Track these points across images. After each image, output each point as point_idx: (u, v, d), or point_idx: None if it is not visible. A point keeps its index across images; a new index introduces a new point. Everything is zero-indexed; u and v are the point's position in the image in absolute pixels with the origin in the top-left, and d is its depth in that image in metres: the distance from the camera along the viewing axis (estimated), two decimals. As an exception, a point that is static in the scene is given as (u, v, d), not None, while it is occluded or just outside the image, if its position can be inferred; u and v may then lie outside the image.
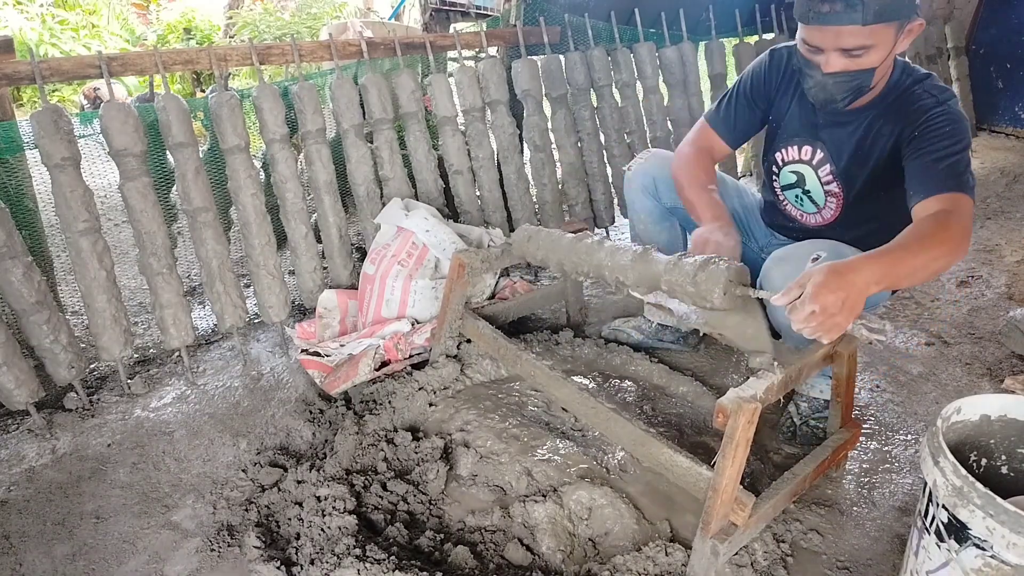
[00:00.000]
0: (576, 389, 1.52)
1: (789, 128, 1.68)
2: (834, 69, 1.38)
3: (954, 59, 4.06)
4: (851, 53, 1.35)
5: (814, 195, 1.68)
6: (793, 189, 1.73)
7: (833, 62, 1.37)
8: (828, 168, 1.62)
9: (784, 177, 1.73)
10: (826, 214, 1.69)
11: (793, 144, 1.67)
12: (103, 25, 7.66)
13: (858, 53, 1.34)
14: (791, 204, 1.77)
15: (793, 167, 1.69)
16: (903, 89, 1.48)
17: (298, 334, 2.14)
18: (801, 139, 1.65)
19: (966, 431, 1.22)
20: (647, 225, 1.96)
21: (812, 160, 1.65)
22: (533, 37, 2.71)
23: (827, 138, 1.60)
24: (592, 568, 1.36)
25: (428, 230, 2.11)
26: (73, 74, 1.94)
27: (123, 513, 1.61)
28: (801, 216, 1.76)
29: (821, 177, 1.64)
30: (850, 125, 1.55)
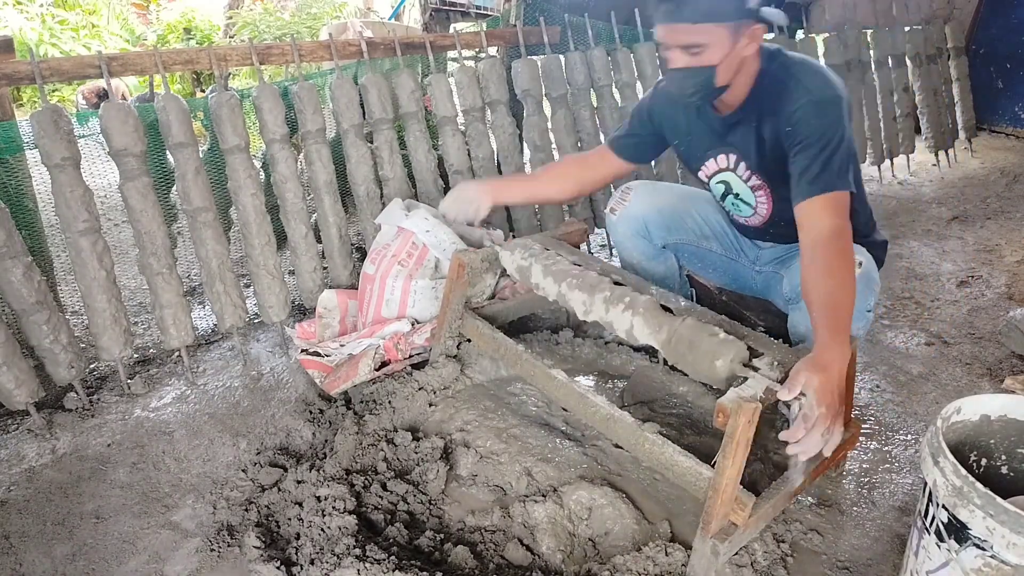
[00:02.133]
0: (576, 389, 1.52)
1: (698, 145, 1.73)
2: (677, 64, 1.48)
3: (954, 59, 4.06)
4: (689, 50, 1.44)
5: (744, 196, 1.71)
6: (727, 197, 1.76)
7: (675, 58, 1.47)
8: (743, 166, 1.65)
9: (715, 189, 1.78)
10: (761, 211, 1.71)
11: (708, 158, 1.72)
12: (103, 25, 7.66)
13: (695, 51, 1.43)
14: (734, 212, 1.80)
15: (717, 177, 1.73)
16: (773, 77, 1.52)
17: (298, 334, 2.14)
18: (713, 150, 1.69)
19: (966, 431, 1.22)
20: (641, 263, 1.97)
21: (729, 165, 1.68)
22: (533, 37, 2.71)
23: (732, 141, 1.64)
24: (592, 568, 1.36)
25: (428, 230, 2.11)
26: (73, 74, 1.94)
27: (123, 513, 1.61)
28: (746, 220, 1.79)
29: (742, 176, 1.67)
30: (744, 123, 1.59)
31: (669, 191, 1.97)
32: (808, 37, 3.53)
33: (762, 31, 1.46)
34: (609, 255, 3.01)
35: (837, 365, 1.23)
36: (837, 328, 1.27)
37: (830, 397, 1.20)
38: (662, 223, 1.90)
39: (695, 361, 1.31)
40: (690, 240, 1.93)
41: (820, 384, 1.19)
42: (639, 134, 1.85)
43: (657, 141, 1.85)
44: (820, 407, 1.19)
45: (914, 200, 3.54)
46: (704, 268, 2.01)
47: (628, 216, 1.91)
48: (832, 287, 1.32)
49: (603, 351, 2.06)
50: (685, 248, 1.96)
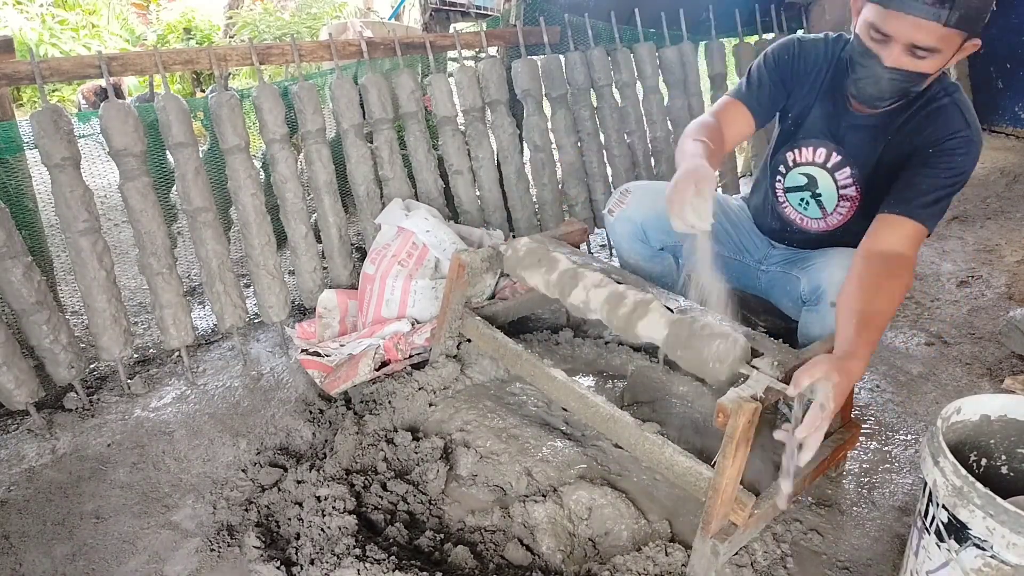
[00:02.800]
0: (576, 389, 1.52)
1: (807, 128, 1.62)
2: (895, 64, 1.32)
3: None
4: (918, 52, 1.29)
5: (825, 199, 1.64)
6: (800, 192, 1.68)
7: (896, 56, 1.31)
8: (847, 172, 1.58)
9: (792, 179, 1.69)
10: (832, 220, 1.66)
11: (808, 145, 1.62)
12: (103, 25, 7.66)
13: (924, 55, 1.29)
14: (792, 207, 1.73)
15: (804, 169, 1.65)
16: (931, 96, 1.45)
17: (298, 334, 2.14)
18: (818, 140, 1.60)
19: (966, 431, 1.22)
20: (639, 263, 1.96)
21: (827, 163, 1.60)
22: (533, 37, 2.71)
23: (849, 141, 1.56)
24: (592, 568, 1.36)
25: (428, 230, 2.11)
26: (73, 74, 1.94)
27: (123, 513, 1.61)
28: (801, 220, 1.73)
29: (838, 181, 1.60)
30: (875, 128, 1.52)
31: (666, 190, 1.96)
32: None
33: (974, 47, 1.33)
34: (609, 255, 3.01)
35: (856, 375, 1.20)
36: (869, 342, 1.23)
37: (841, 401, 1.17)
38: (659, 226, 1.88)
39: (697, 358, 1.31)
40: None
41: (839, 385, 1.15)
42: (769, 85, 1.64)
43: (781, 96, 1.66)
44: (831, 404, 1.15)
45: (914, 200, 3.53)
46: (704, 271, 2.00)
47: (625, 219, 1.89)
48: (878, 302, 1.28)
49: (603, 351, 2.06)
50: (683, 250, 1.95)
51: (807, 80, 1.61)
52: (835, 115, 1.57)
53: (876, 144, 1.52)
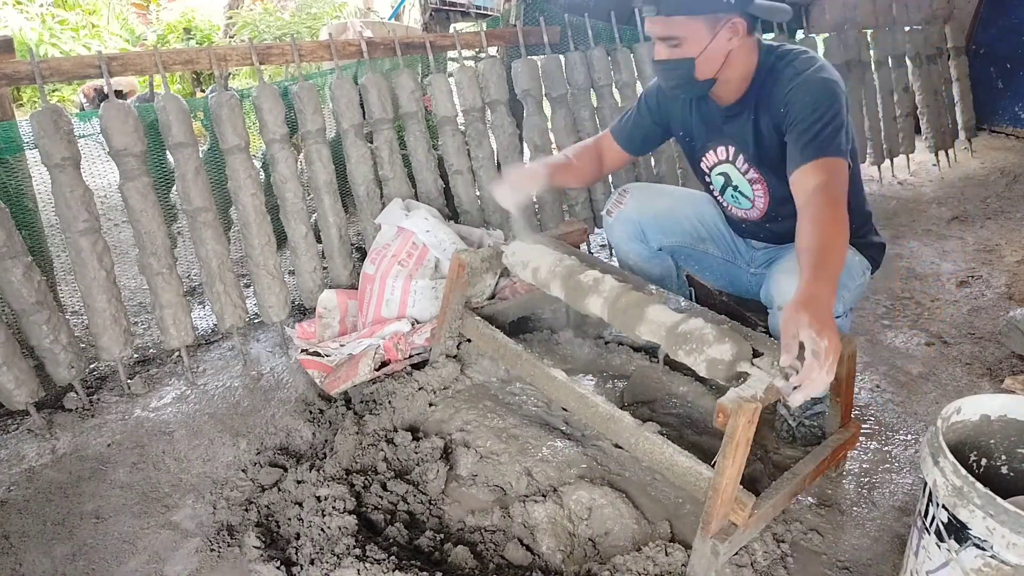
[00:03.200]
0: (576, 389, 1.52)
1: (698, 136, 1.74)
2: (659, 57, 1.53)
3: (954, 59, 4.06)
4: (668, 43, 1.49)
5: (742, 189, 1.72)
6: (727, 190, 1.76)
7: (659, 50, 1.52)
8: (742, 159, 1.66)
9: (715, 181, 1.78)
10: (759, 204, 1.71)
11: (708, 149, 1.73)
12: (103, 25, 7.66)
13: (674, 43, 1.48)
14: (731, 205, 1.80)
15: (718, 169, 1.74)
16: (771, 69, 1.55)
17: (298, 334, 2.14)
18: (713, 142, 1.71)
19: (966, 431, 1.22)
20: (638, 263, 1.97)
21: (728, 157, 1.69)
22: (533, 37, 2.71)
23: (730, 132, 1.66)
24: (592, 568, 1.36)
25: (428, 230, 2.11)
26: (73, 74, 1.94)
27: (123, 513, 1.61)
28: (744, 214, 1.78)
29: (741, 169, 1.68)
30: (742, 115, 1.60)
31: (665, 193, 1.98)
32: (808, 37, 3.53)
33: (743, 24, 1.47)
34: (609, 255, 3.01)
35: (824, 298, 1.16)
36: (821, 266, 1.22)
37: (827, 329, 1.11)
38: (657, 226, 1.90)
39: (699, 357, 1.31)
40: (686, 243, 1.93)
41: (810, 319, 1.11)
42: (645, 124, 1.85)
43: (660, 131, 1.85)
44: (822, 340, 1.10)
45: (914, 200, 3.54)
46: (701, 270, 2.02)
47: (624, 219, 1.91)
48: (818, 232, 1.29)
49: (603, 351, 2.06)
50: (681, 250, 1.96)
51: (677, 103, 1.76)
52: (711, 116, 1.68)
53: (747, 125, 1.61)
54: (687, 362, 1.33)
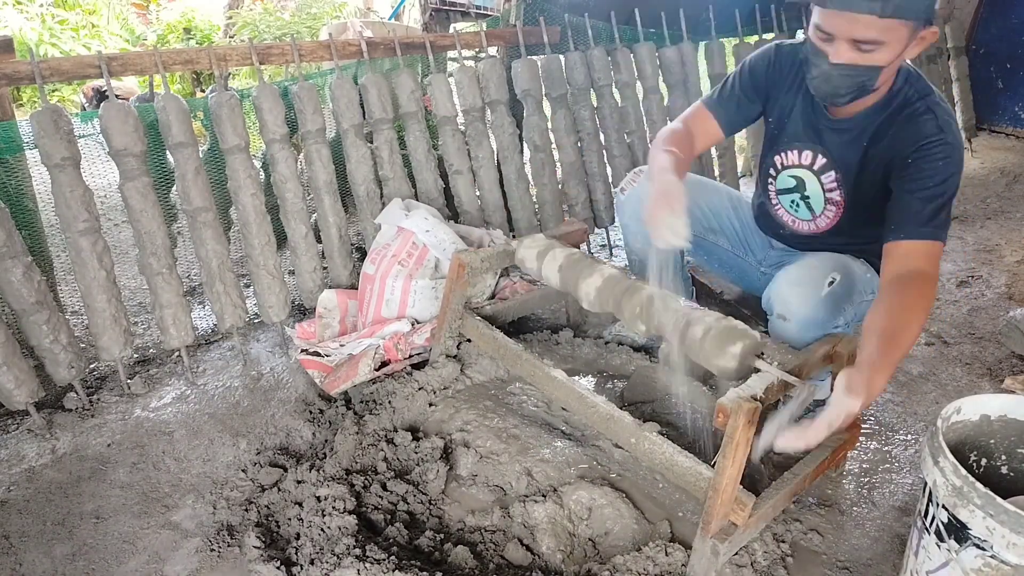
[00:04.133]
0: (576, 389, 1.52)
1: (791, 131, 1.63)
2: (842, 60, 1.33)
3: (954, 59, 4.06)
4: (862, 46, 1.30)
5: (813, 202, 1.65)
6: (790, 194, 1.69)
7: (842, 52, 1.33)
8: (832, 176, 1.58)
9: (782, 181, 1.69)
10: (821, 222, 1.66)
11: (794, 148, 1.63)
12: (103, 25, 7.65)
13: (869, 48, 1.30)
14: (784, 209, 1.73)
15: (793, 171, 1.66)
16: (906, 101, 1.44)
17: (298, 334, 2.14)
18: (803, 143, 1.61)
19: (966, 431, 1.22)
20: (643, 247, 1.95)
21: (813, 165, 1.61)
22: (533, 37, 2.70)
23: (831, 144, 1.56)
24: (592, 568, 1.36)
25: (428, 230, 2.11)
26: (73, 74, 1.94)
27: (123, 513, 1.61)
28: (793, 222, 1.73)
29: (824, 184, 1.60)
30: (853, 131, 1.52)
31: None
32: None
33: (934, 35, 1.33)
34: (609, 255, 3.01)
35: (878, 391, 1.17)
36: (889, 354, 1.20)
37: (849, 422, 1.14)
38: None
39: (709, 350, 1.30)
40: (697, 231, 1.89)
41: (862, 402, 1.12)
42: (744, 100, 1.68)
43: (757, 109, 1.70)
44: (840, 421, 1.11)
45: (914, 200, 3.53)
46: (710, 261, 2.00)
47: (636, 197, 1.87)
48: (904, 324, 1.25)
49: (603, 351, 2.06)
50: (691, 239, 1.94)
51: (785, 84, 1.62)
52: (815, 118, 1.58)
53: (856, 148, 1.52)
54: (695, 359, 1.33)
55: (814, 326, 1.49)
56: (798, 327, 1.50)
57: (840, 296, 1.50)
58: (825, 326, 1.50)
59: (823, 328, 1.50)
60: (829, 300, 1.48)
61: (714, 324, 1.32)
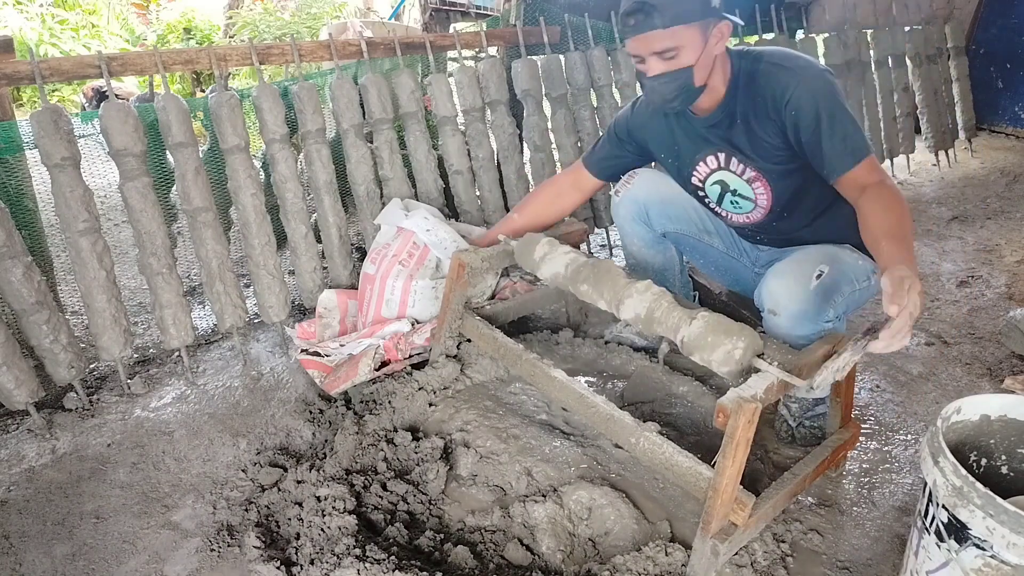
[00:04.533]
0: (576, 389, 1.52)
1: (686, 152, 1.73)
2: (655, 72, 1.50)
3: (954, 59, 4.06)
4: (664, 56, 1.47)
5: (742, 191, 1.71)
6: (725, 197, 1.75)
7: (653, 66, 1.50)
8: (735, 161, 1.66)
9: (711, 192, 1.76)
10: (762, 202, 1.70)
11: (698, 162, 1.72)
12: (103, 25, 7.66)
13: (670, 55, 1.47)
14: (732, 213, 1.78)
15: (712, 179, 1.73)
16: (749, 73, 1.56)
17: (298, 334, 2.14)
18: (701, 153, 1.70)
19: (966, 431, 1.22)
20: (639, 248, 1.98)
21: (720, 163, 1.69)
22: (533, 37, 2.71)
23: (719, 139, 1.65)
24: (592, 568, 1.36)
25: (429, 230, 2.11)
26: (73, 74, 1.94)
27: (123, 513, 1.61)
28: (747, 218, 1.77)
29: (738, 172, 1.68)
30: (728, 120, 1.61)
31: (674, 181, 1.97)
32: (808, 37, 3.53)
33: (728, 28, 1.50)
34: (609, 255, 3.01)
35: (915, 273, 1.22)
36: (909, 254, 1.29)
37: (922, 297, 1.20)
38: (663, 210, 1.90)
39: (711, 350, 1.30)
40: (692, 232, 1.92)
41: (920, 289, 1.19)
42: (618, 154, 1.87)
43: (638, 158, 1.87)
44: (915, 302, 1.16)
45: (914, 200, 3.54)
46: (706, 264, 2.01)
47: (630, 198, 1.92)
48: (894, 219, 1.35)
49: (603, 351, 2.06)
50: (686, 240, 1.95)
51: (651, 123, 1.77)
52: (693, 130, 1.69)
53: (735, 130, 1.61)
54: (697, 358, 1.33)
55: (804, 319, 1.51)
56: (789, 321, 1.52)
57: (829, 288, 1.52)
58: (816, 319, 1.51)
59: (814, 322, 1.51)
60: (818, 293, 1.50)
61: (714, 324, 1.32)
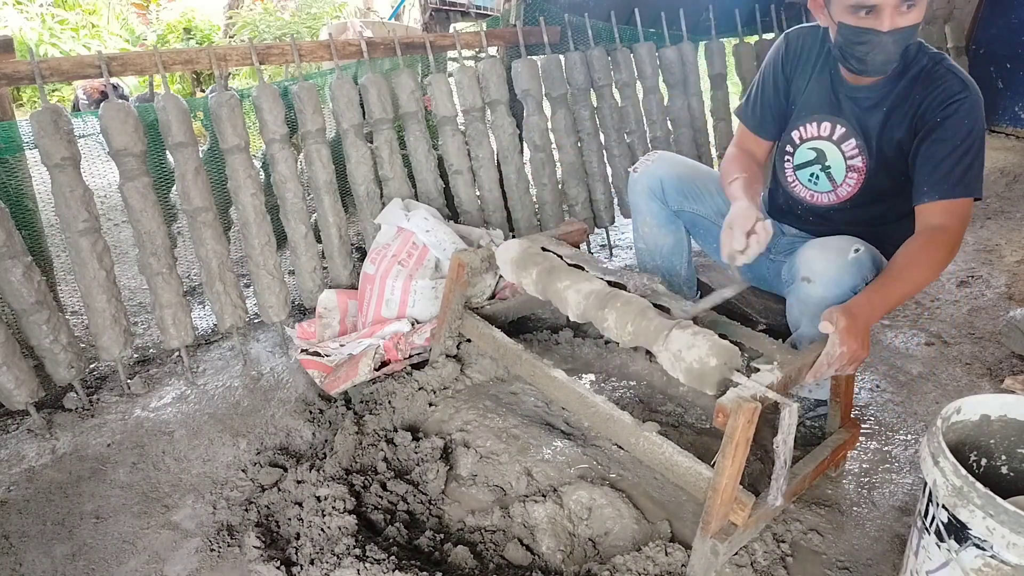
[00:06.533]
0: (576, 389, 1.52)
1: (806, 106, 1.68)
2: (894, 26, 1.38)
3: (954, 59, 4.04)
4: (904, 6, 1.36)
5: (834, 171, 1.67)
6: (809, 167, 1.72)
7: (891, 19, 1.38)
8: (853, 143, 1.62)
9: (801, 155, 1.72)
10: (841, 192, 1.68)
11: (812, 121, 1.67)
12: (103, 25, 7.65)
13: (910, 4, 1.36)
14: (802, 185, 1.75)
15: (812, 143, 1.69)
16: (922, 67, 1.50)
17: (298, 334, 2.14)
18: (820, 115, 1.65)
19: (966, 431, 1.22)
20: (652, 228, 1.97)
21: (832, 136, 1.64)
22: (533, 37, 2.71)
23: (850, 112, 1.60)
24: (592, 568, 1.36)
25: (428, 230, 2.11)
26: (73, 74, 1.94)
27: (123, 513, 1.61)
28: (811, 196, 1.74)
29: (845, 152, 1.64)
30: (873, 98, 1.56)
31: (692, 164, 1.97)
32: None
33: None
34: (609, 255, 3.01)
35: (863, 316, 1.30)
36: (883, 292, 1.35)
37: (852, 339, 1.27)
38: (680, 188, 1.89)
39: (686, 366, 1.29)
40: (706, 214, 1.91)
41: (845, 326, 1.26)
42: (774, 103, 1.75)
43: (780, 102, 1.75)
44: (842, 346, 1.26)
45: (914, 200, 3.53)
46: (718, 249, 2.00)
47: (647, 173, 1.91)
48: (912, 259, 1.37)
49: (603, 351, 2.06)
50: (700, 222, 1.94)
51: (801, 64, 1.69)
52: (832, 90, 1.62)
53: (877, 114, 1.56)
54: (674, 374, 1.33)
55: (837, 286, 1.49)
56: (823, 287, 1.51)
57: (864, 265, 1.51)
58: (851, 287, 1.49)
59: (848, 290, 1.49)
60: (855, 264, 1.49)
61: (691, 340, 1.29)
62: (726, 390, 1.22)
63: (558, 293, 1.56)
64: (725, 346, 1.27)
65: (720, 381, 1.25)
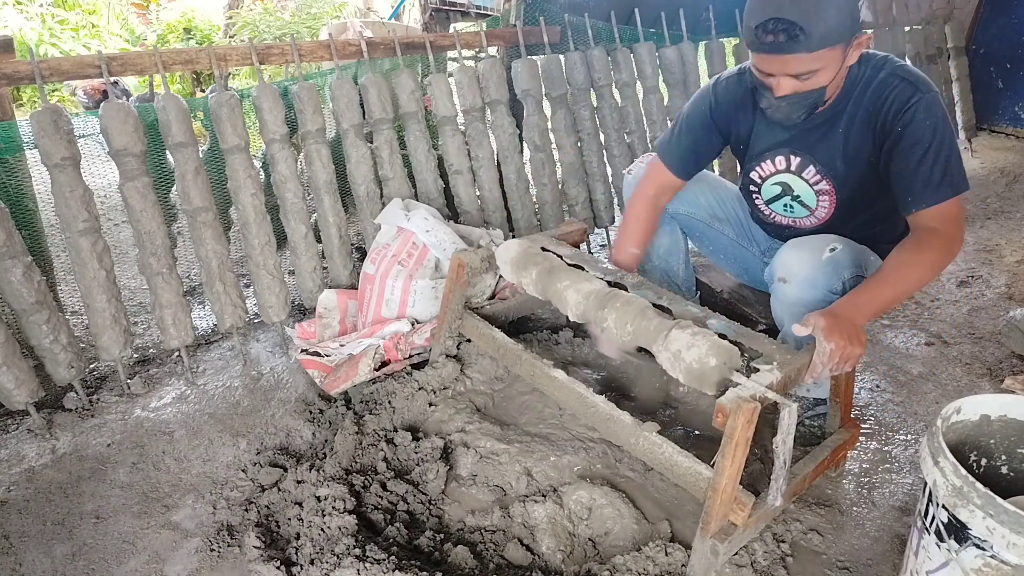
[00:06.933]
0: (576, 389, 1.52)
1: (758, 144, 1.66)
2: (785, 92, 1.40)
3: (954, 59, 4.06)
4: (800, 77, 1.37)
5: (804, 199, 1.67)
6: (780, 199, 1.71)
7: (784, 86, 1.39)
8: (812, 170, 1.60)
9: (767, 191, 1.72)
10: (820, 214, 1.67)
11: (767, 159, 1.66)
12: (103, 25, 7.65)
13: (807, 77, 1.36)
14: (779, 214, 1.75)
15: (775, 179, 1.68)
16: (868, 79, 1.47)
17: (298, 334, 2.14)
18: (774, 151, 1.64)
19: (966, 431, 1.22)
20: None
21: (791, 168, 1.63)
22: (533, 37, 2.70)
23: (800, 143, 1.59)
24: (592, 568, 1.36)
25: (428, 230, 2.11)
26: (73, 74, 1.94)
27: (123, 513, 1.61)
28: (793, 222, 1.74)
29: (809, 180, 1.62)
30: (823, 126, 1.54)
31: None
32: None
33: (866, 39, 1.39)
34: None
35: (846, 314, 1.30)
36: (870, 292, 1.35)
37: (837, 336, 1.27)
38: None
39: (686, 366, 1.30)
40: (701, 217, 1.91)
41: (826, 324, 1.28)
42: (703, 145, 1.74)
43: (719, 144, 1.75)
44: (829, 343, 1.27)
45: (914, 200, 3.53)
46: (714, 252, 2.00)
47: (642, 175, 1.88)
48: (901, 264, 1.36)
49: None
50: (695, 225, 1.94)
51: (735, 113, 1.67)
52: (776, 125, 1.59)
53: (832, 135, 1.54)
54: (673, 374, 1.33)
55: (813, 286, 1.49)
56: (798, 287, 1.51)
57: (841, 262, 1.51)
58: (825, 287, 1.49)
59: (823, 291, 1.49)
60: (829, 263, 1.49)
61: (691, 340, 1.30)
62: (726, 390, 1.22)
63: (558, 293, 1.56)
64: (725, 346, 1.27)
65: (720, 381, 1.25)
